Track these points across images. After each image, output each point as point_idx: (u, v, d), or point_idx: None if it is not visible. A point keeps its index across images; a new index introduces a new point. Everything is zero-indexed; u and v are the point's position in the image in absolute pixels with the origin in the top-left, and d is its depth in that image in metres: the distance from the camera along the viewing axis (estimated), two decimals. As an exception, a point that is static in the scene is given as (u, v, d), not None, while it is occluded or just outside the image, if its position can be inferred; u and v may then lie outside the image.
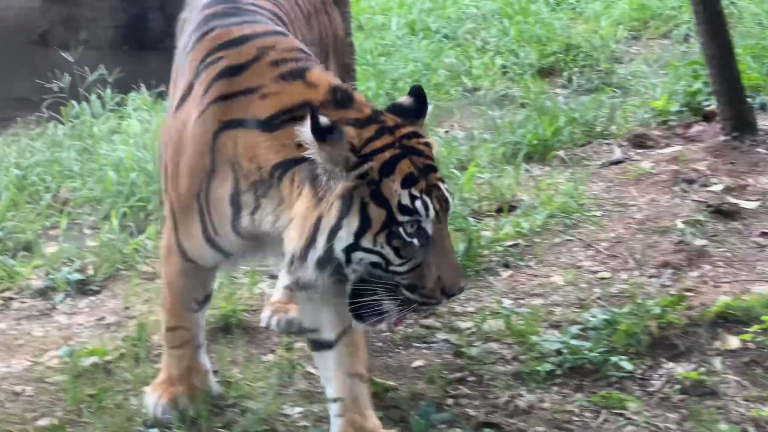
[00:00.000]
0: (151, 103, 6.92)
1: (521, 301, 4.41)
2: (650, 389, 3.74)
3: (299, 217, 2.99)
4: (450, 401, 3.71)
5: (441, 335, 4.19)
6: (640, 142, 6.15)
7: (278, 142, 3.07)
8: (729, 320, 4.09)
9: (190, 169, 3.26)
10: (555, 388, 3.77)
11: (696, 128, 6.21)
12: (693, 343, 3.97)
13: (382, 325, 3.18)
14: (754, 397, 3.63)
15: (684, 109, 6.46)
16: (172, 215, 3.40)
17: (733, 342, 3.94)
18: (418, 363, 3.99)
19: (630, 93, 7.10)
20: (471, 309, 4.39)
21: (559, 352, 3.92)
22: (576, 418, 3.60)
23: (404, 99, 3.20)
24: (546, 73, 7.75)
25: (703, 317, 4.09)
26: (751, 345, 3.92)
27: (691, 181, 5.47)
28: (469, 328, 4.22)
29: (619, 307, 4.17)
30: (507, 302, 4.38)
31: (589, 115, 6.43)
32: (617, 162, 5.92)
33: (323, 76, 3.17)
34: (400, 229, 2.95)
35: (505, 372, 3.88)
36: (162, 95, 7.01)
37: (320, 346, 3.42)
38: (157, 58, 7.90)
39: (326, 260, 2.98)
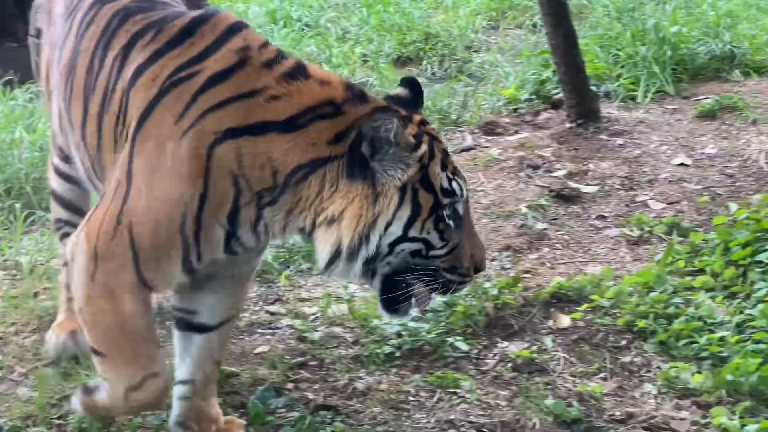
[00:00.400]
0: (-1, 92, 6.75)
1: (366, 286, 4.48)
2: (484, 368, 3.87)
3: (349, 217, 2.92)
4: (290, 385, 3.76)
5: (285, 321, 4.25)
6: (490, 129, 6.32)
7: (305, 141, 2.96)
8: (562, 300, 4.26)
9: (170, 203, 2.98)
10: (393, 370, 3.86)
11: (543, 116, 6.42)
12: (527, 323, 4.12)
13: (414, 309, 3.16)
14: (580, 373, 3.80)
15: (533, 97, 6.67)
16: (131, 252, 3.02)
17: (564, 321, 4.11)
18: (261, 349, 4.03)
19: (485, 81, 7.28)
20: (317, 294, 4.46)
21: (398, 335, 4.02)
22: (412, 398, 3.70)
23: (400, 90, 3.21)
24: (405, 61, 7.88)
25: (538, 298, 4.25)
26: (580, 323, 4.09)
27: (536, 167, 5.66)
28: (313, 314, 4.29)
29: (458, 290, 4.30)
30: (352, 287, 4.45)
31: (443, 103, 6.57)
32: (468, 149, 6.07)
33: (325, 72, 3.14)
34: (444, 212, 2.99)
35: (346, 355, 3.95)
36: (11, 84, 6.84)
37: (191, 327, 3.36)
38: (11, 46, 7.70)
39: (374, 257, 2.96)
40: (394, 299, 3.06)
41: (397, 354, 3.93)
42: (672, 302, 4.09)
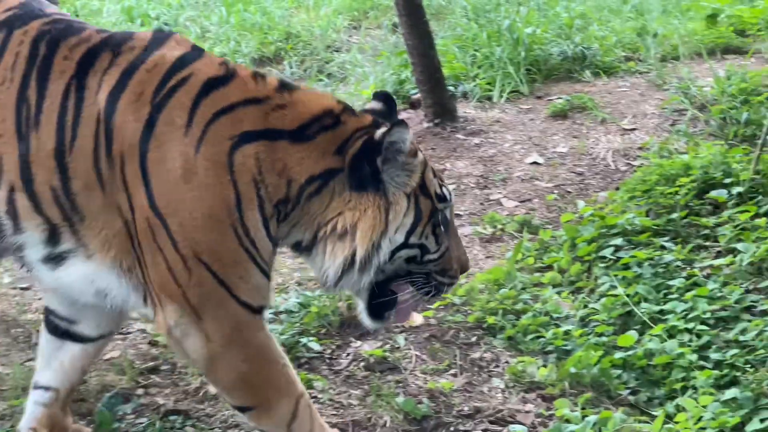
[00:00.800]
0: None
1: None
2: (337, 368, 3.89)
3: (363, 228, 2.95)
4: (140, 391, 3.71)
5: (138, 325, 4.17)
6: (349, 129, 6.34)
7: (317, 151, 2.96)
8: (417, 299, 4.32)
9: (218, 219, 2.87)
10: (246, 372, 3.84)
11: (402, 115, 6.47)
12: (380, 322, 4.16)
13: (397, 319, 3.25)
14: (431, 370, 3.86)
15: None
16: (215, 280, 2.91)
17: (417, 319, 4.16)
18: (111, 354, 3.95)
19: (345, 81, 7.31)
20: (170, 298, 4.39)
21: (252, 337, 3.99)
22: (264, 400, 3.68)
23: (374, 104, 3.22)
24: (266, 61, 7.85)
25: (390, 297, 4.29)
26: (432, 321, 4.16)
27: (393, 167, 5.71)
28: (166, 317, 4.22)
29: (312, 291, 4.31)
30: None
31: (302, 103, 6.55)
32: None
33: (309, 87, 3.15)
34: (439, 217, 3.05)
35: (198, 359, 3.91)
36: None
37: (67, 335, 3.26)
38: None
39: (383, 264, 3.00)
40: (380, 306, 3.11)
41: (251, 356, 3.91)
42: (521, 298, 4.20)
